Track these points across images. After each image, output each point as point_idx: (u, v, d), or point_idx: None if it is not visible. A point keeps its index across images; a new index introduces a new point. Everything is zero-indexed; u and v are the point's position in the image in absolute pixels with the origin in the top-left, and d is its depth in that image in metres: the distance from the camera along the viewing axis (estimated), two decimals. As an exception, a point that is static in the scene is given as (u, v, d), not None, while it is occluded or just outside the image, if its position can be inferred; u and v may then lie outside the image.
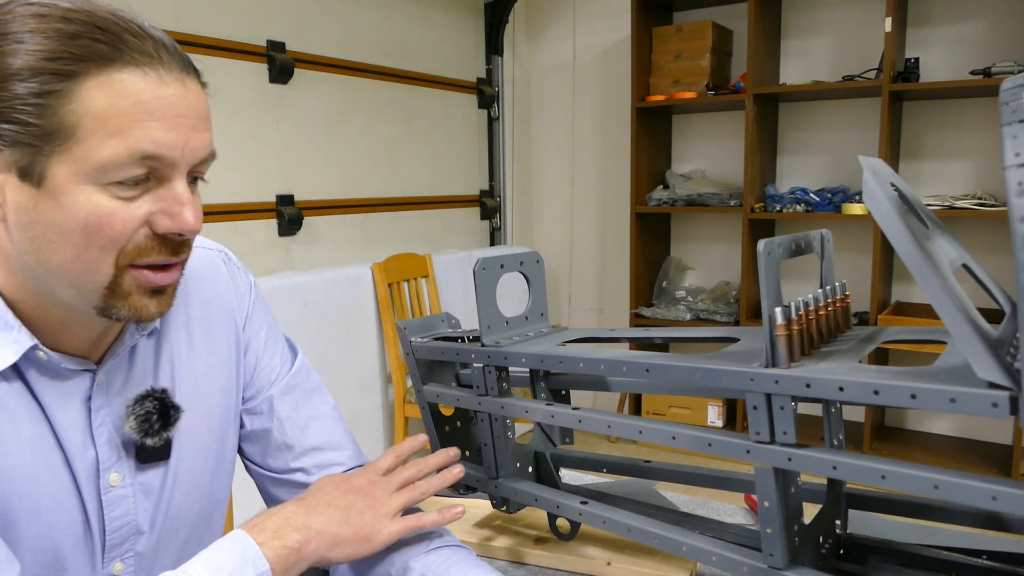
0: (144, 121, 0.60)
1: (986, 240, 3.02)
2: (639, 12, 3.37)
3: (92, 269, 0.63)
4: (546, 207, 4.13)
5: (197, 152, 0.65)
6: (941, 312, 0.55)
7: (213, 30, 2.51)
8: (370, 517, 0.77)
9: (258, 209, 2.71)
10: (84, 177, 0.60)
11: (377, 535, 0.76)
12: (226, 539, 0.68)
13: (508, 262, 0.90)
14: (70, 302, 0.65)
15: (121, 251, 0.63)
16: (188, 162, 0.64)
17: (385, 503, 0.78)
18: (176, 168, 0.63)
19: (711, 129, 3.64)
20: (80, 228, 0.61)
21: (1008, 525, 0.73)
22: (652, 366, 0.73)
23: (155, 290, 0.67)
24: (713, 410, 3.44)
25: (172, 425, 0.75)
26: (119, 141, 0.60)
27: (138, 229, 0.63)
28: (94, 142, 0.59)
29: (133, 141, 0.60)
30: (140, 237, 0.63)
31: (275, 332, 0.91)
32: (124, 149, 0.60)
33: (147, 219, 0.63)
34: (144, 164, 0.61)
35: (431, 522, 0.79)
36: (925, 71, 3.06)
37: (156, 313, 0.67)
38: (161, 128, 0.61)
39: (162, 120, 0.61)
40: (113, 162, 0.60)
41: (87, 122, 0.59)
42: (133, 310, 0.66)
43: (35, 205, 0.61)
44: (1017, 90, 0.53)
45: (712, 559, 0.72)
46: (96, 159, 0.59)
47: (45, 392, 0.69)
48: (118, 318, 0.66)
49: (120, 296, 0.65)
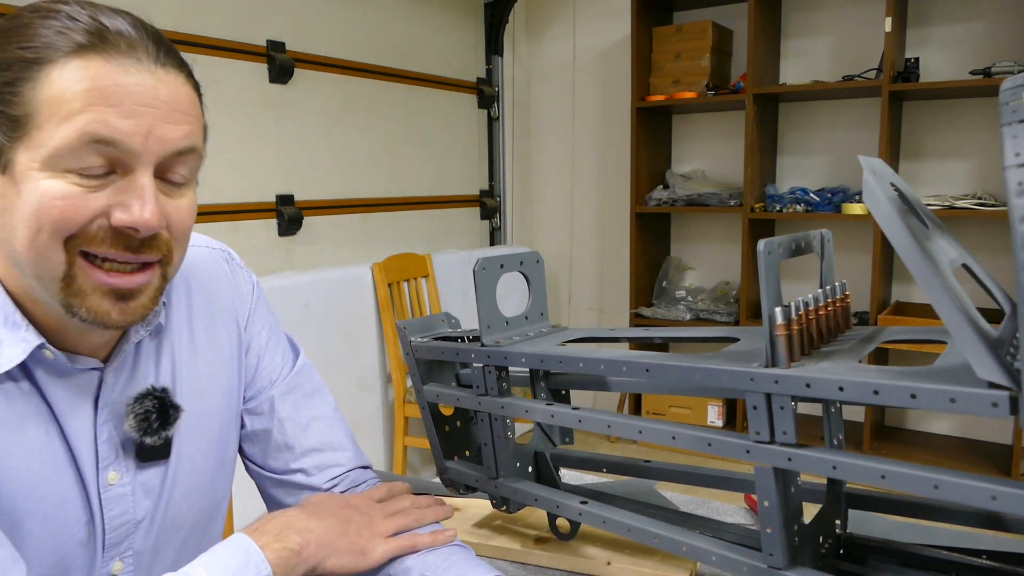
0: (98, 105, 0.59)
1: (986, 240, 3.02)
2: (639, 12, 3.37)
3: (44, 257, 0.61)
4: (546, 207, 4.13)
5: (166, 144, 0.63)
6: (941, 312, 0.55)
7: (213, 30, 2.51)
8: (366, 533, 0.77)
9: (258, 209, 2.71)
10: (43, 164, 0.60)
11: (372, 551, 0.76)
12: (227, 542, 0.69)
13: (508, 262, 0.90)
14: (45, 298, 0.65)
15: (71, 238, 0.61)
16: (154, 152, 0.62)
17: (380, 524, 0.79)
18: (139, 159, 0.61)
19: (711, 129, 3.63)
20: (32, 212, 0.60)
21: (1008, 525, 0.73)
22: (652, 366, 0.73)
23: (119, 295, 0.64)
24: (713, 410, 3.44)
25: (171, 424, 0.75)
26: (71, 124, 0.59)
27: (94, 219, 0.61)
28: (50, 127, 0.59)
29: (84, 123, 0.59)
30: (95, 228, 0.62)
31: (277, 332, 0.91)
32: (75, 132, 0.59)
33: (105, 211, 0.62)
34: (98, 150, 0.60)
35: (424, 543, 0.79)
36: (925, 71, 3.06)
37: (120, 321, 0.65)
38: (118, 114, 0.60)
39: (120, 106, 0.60)
40: (65, 146, 0.59)
41: (44, 107, 0.59)
42: (92, 313, 0.63)
43: (4, 193, 0.61)
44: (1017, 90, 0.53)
45: (712, 559, 0.72)
46: (51, 144, 0.59)
47: (53, 391, 0.69)
48: (81, 319, 0.64)
49: (76, 293, 0.63)
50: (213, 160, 2.53)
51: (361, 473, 0.92)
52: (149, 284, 0.66)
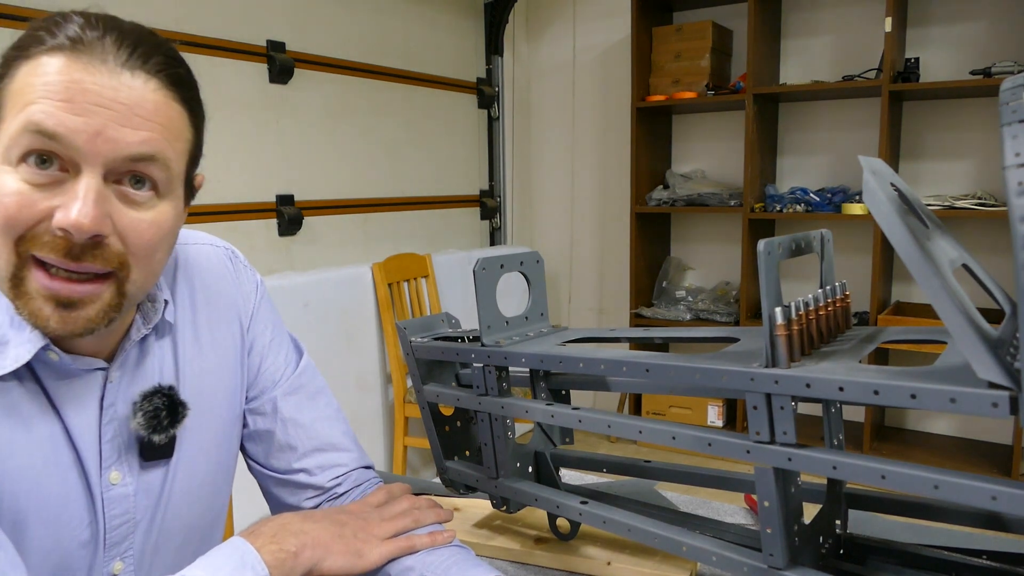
0: (47, 98, 0.59)
1: (986, 240, 3.02)
2: (639, 12, 3.37)
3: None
4: (546, 207, 4.12)
5: (117, 147, 0.61)
6: (941, 312, 0.55)
7: (213, 30, 2.51)
8: (363, 535, 0.77)
9: (258, 209, 2.71)
10: (2, 157, 0.60)
11: (369, 553, 0.76)
12: (224, 545, 0.69)
13: (508, 262, 0.90)
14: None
15: (20, 237, 0.60)
16: (102, 154, 0.60)
17: (377, 526, 0.79)
18: (85, 159, 0.60)
19: (711, 129, 3.63)
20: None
21: (1008, 525, 0.73)
22: (652, 366, 0.73)
23: (59, 302, 0.62)
24: (713, 410, 3.44)
25: (179, 422, 0.75)
26: (22, 115, 0.59)
27: (40, 220, 0.60)
28: (8, 119, 0.60)
29: (31, 113, 0.59)
30: (40, 229, 0.60)
31: (280, 332, 0.91)
32: (21, 122, 0.59)
33: (50, 212, 0.60)
34: (39, 140, 0.59)
35: (422, 545, 0.79)
36: (925, 71, 3.06)
37: (59, 329, 0.62)
38: (68, 109, 0.59)
39: (71, 102, 0.59)
40: (12, 135, 0.59)
41: (7, 100, 0.60)
42: (32, 315, 0.62)
43: None
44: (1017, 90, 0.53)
45: (712, 559, 0.72)
46: (6, 136, 0.60)
47: (58, 392, 0.69)
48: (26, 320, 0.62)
49: (22, 295, 0.62)
50: (213, 160, 2.53)
51: (363, 473, 0.92)
52: (98, 297, 0.63)
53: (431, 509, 0.85)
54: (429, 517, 0.83)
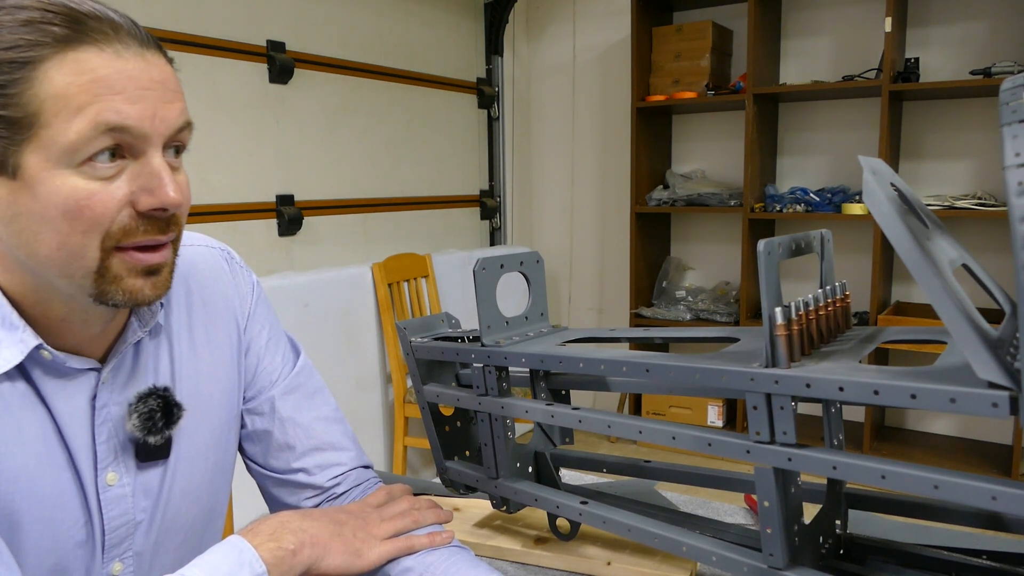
0: (105, 95, 0.60)
1: (986, 240, 3.02)
2: (639, 12, 3.37)
3: (78, 255, 0.62)
4: (546, 207, 4.13)
5: (169, 122, 0.64)
6: (941, 312, 0.55)
7: (213, 30, 2.51)
8: (361, 535, 0.77)
9: (258, 209, 2.71)
10: (56, 161, 0.60)
11: (368, 552, 0.76)
12: (222, 544, 0.68)
13: (508, 262, 0.90)
14: (68, 292, 0.65)
15: (106, 233, 0.62)
16: (161, 133, 0.63)
17: (376, 527, 0.79)
18: (149, 141, 0.62)
19: (711, 129, 3.64)
20: (61, 214, 0.60)
21: (1008, 525, 0.73)
22: (652, 366, 0.73)
23: (148, 271, 0.66)
24: (713, 410, 3.44)
25: (174, 423, 0.75)
26: (83, 117, 0.59)
27: (121, 210, 0.62)
28: (59, 123, 0.59)
29: (95, 113, 0.59)
30: (124, 218, 0.62)
31: (277, 332, 0.91)
32: (88, 123, 0.59)
33: (129, 199, 0.62)
34: (112, 137, 0.60)
35: (421, 545, 0.79)
36: (925, 71, 3.06)
37: (152, 296, 0.66)
38: (124, 100, 0.60)
39: (124, 92, 0.60)
40: (80, 139, 0.59)
41: (49, 104, 0.59)
42: (127, 293, 0.65)
43: (15, 198, 0.60)
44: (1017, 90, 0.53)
45: (712, 559, 0.72)
46: (64, 140, 0.59)
47: (51, 391, 0.69)
48: (114, 303, 0.65)
49: (111, 280, 0.64)
50: (213, 160, 2.53)
51: (363, 472, 0.92)
52: (169, 259, 0.68)
53: (431, 510, 0.85)
54: (428, 518, 0.83)
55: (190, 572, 0.64)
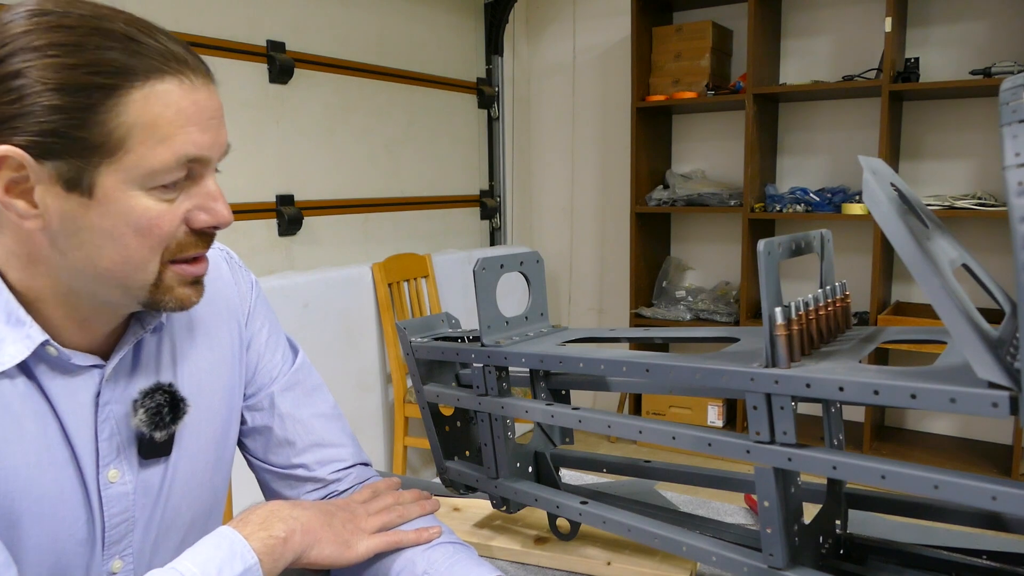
0: (186, 127, 0.64)
1: (986, 240, 3.02)
2: (639, 12, 3.37)
3: (140, 268, 0.66)
4: (546, 207, 4.12)
5: (223, 148, 0.69)
6: (941, 312, 0.55)
7: (213, 30, 2.51)
8: (350, 527, 0.78)
9: (258, 209, 2.71)
10: (132, 183, 0.63)
11: (357, 544, 0.77)
12: (213, 535, 0.69)
13: (508, 262, 0.90)
14: (114, 300, 0.68)
15: (166, 249, 0.67)
16: (218, 159, 0.69)
17: (364, 521, 0.80)
18: (209, 166, 0.68)
19: (711, 129, 3.63)
20: (132, 232, 0.64)
21: (1008, 525, 0.73)
22: (652, 366, 0.73)
23: (196, 281, 0.71)
24: (713, 410, 3.44)
25: (180, 419, 0.76)
26: (166, 147, 0.63)
27: (179, 227, 0.67)
28: (144, 151, 0.62)
29: (179, 146, 0.63)
30: (180, 234, 0.67)
31: (276, 330, 0.92)
32: (172, 154, 0.63)
33: (185, 217, 0.67)
34: (187, 167, 0.65)
35: (409, 540, 0.80)
36: (925, 71, 3.06)
37: (196, 301, 0.72)
38: (199, 131, 0.65)
39: (199, 124, 0.65)
40: (163, 167, 0.63)
41: (137, 132, 0.62)
42: (178, 301, 0.70)
43: (84, 213, 0.63)
44: (1017, 90, 0.53)
45: (712, 559, 0.72)
46: (147, 166, 0.63)
47: (54, 388, 0.69)
48: (165, 309, 0.70)
49: (165, 290, 0.69)
50: (213, 160, 2.53)
51: (364, 471, 0.93)
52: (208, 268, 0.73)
53: (415, 503, 0.85)
54: (413, 512, 0.84)
55: (181, 565, 0.65)
